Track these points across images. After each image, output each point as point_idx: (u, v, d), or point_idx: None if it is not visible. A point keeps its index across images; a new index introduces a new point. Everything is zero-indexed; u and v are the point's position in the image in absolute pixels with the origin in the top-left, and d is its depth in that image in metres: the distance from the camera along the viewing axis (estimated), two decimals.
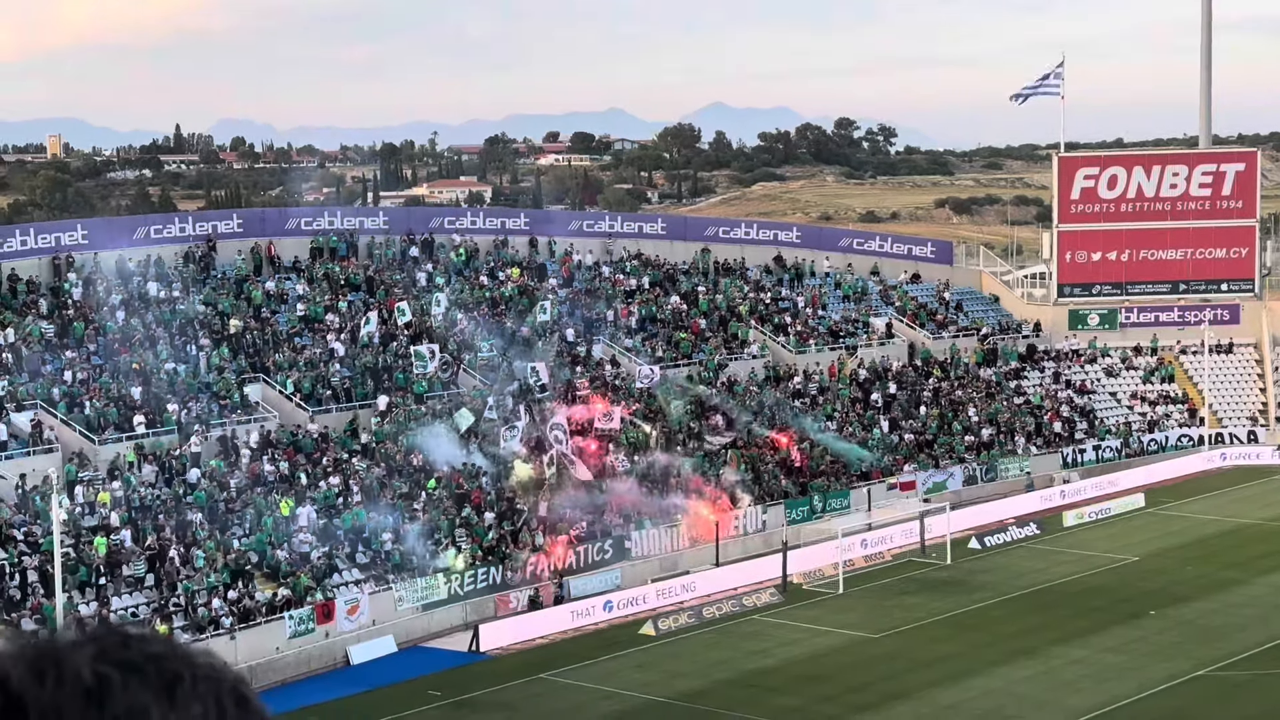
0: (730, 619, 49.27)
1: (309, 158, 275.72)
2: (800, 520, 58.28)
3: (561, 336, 64.88)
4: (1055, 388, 75.72)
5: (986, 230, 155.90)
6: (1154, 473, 69.40)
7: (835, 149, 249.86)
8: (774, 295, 75.30)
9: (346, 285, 63.92)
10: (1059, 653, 44.59)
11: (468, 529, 51.58)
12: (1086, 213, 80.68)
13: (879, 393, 69.73)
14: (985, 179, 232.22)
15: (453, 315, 63.17)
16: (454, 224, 71.25)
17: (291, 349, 58.38)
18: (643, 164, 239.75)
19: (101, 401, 51.61)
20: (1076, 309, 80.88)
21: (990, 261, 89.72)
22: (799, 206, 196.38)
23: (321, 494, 50.75)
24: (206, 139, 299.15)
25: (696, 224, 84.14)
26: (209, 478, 49.98)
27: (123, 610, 43.55)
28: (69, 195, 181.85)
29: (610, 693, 42.37)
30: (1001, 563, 56.05)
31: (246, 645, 43.92)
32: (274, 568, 47.07)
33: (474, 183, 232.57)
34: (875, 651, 45.52)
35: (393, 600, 48.01)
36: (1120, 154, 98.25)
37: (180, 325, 57.50)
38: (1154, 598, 50.16)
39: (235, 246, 63.56)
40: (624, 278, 71.73)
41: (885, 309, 77.45)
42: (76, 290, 57.63)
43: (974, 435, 68.83)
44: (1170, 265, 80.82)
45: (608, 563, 53.46)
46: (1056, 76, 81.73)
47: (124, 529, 46.20)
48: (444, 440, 55.16)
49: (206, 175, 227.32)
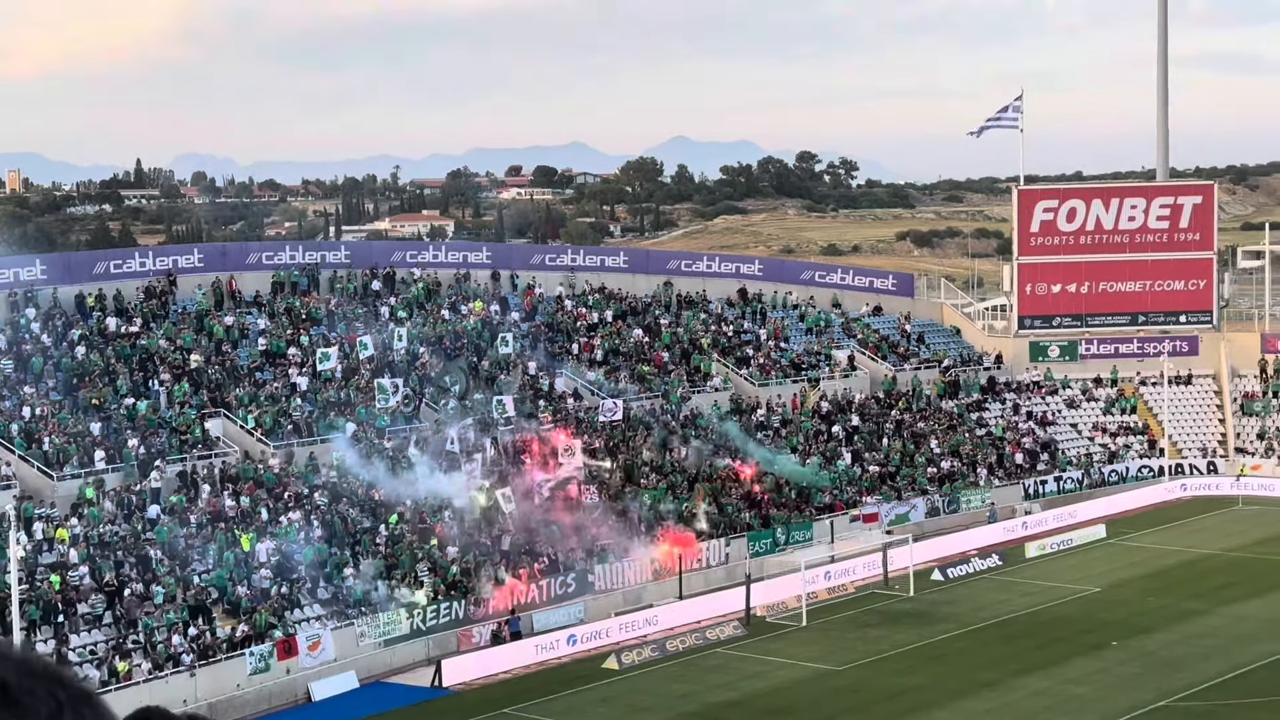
0: (694, 652, 49.17)
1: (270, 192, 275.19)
2: (763, 553, 58.24)
3: (524, 370, 64.81)
4: (1016, 419, 76.02)
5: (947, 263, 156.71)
6: (1115, 504, 69.69)
7: (797, 182, 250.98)
8: (736, 328, 75.45)
9: (308, 319, 63.73)
10: (1022, 684, 44.63)
11: (430, 563, 51.36)
12: (1046, 245, 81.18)
13: (841, 425, 69.87)
14: (946, 212, 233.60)
15: (415, 349, 63.05)
16: (416, 258, 71.17)
17: (253, 384, 58.13)
18: (605, 197, 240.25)
19: (60, 438, 51.26)
20: (1037, 341, 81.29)
21: (951, 294, 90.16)
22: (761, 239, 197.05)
23: (282, 529, 50.47)
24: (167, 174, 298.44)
25: (659, 257, 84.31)
26: (169, 513, 49.65)
27: (81, 648, 43.18)
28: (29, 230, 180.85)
29: None
30: (964, 594, 56.14)
31: (207, 682, 43.60)
32: (234, 604, 46.75)
33: (436, 217, 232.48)
34: (839, 684, 45.47)
35: (354, 636, 47.73)
36: (1079, 187, 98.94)
37: (140, 360, 57.20)
38: (1116, 629, 50.29)
39: (196, 281, 63.33)
40: (586, 311, 71.76)
41: (847, 341, 77.68)
42: (35, 325, 57.28)
43: (936, 467, 69.01)
44: (1129, 297, 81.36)
45: (570, 596, 53.30)
46: (1016, 110, 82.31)
47: (82, 566, 45.82)
48: (404, 472, 54.97)
49: (167, 210, 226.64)
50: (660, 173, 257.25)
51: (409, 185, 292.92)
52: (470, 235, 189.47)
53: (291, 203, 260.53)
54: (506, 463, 57.70)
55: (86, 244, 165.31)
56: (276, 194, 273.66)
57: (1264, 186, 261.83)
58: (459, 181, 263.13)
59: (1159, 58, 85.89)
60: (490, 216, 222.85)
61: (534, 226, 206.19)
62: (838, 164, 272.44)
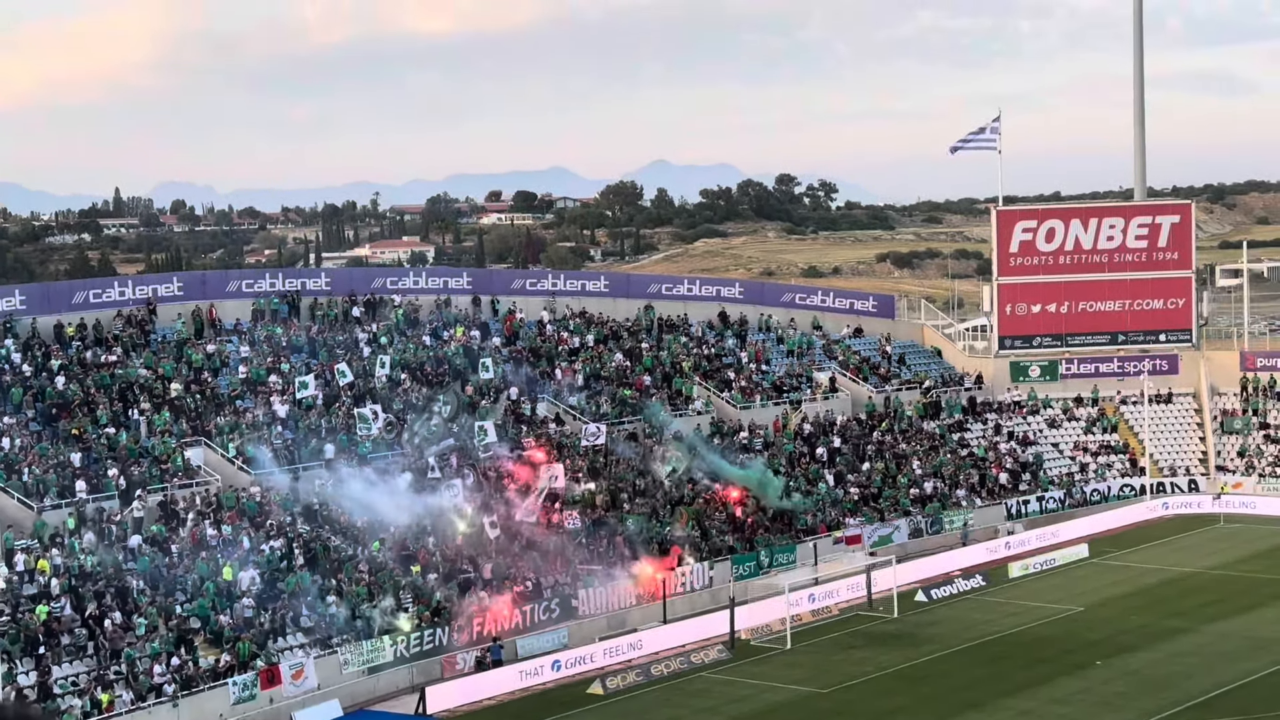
0: (678, 676, 49.08)
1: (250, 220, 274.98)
2: (747, 576, 58.17)
3: (506, 395, 64.76)
4: (998, 439, 76.14)
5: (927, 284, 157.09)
6: (1097, 523, 69.83)
7: (777, 205, 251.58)
8: (717, 351, 75.51)
9: (289, 347, 63.62)
10: (1006, 705, 44.63)
11: (413, 590, 51.23)
12: (1026, 265, 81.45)
13: (824, 447, 69.91)
14: (925, 233, 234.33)
15: (396, 376, 62.97)
16: (396, 284, 71.12)
17: (233, 412, 57.98)
18: (585, 222, 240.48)
19: (40, 468, 51.05)
20: (1018, 361, 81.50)
21: (932, 315, 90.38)
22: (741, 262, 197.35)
23: (265, 557, 50.30)
24: (146, 202, 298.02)
25: (639, 281, 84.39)
26: (150, 543, 49.45)
27: (63, 679, 42.96)
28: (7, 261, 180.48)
29: None
30: (948, 615, 56.15)
31: (190, 713, 43.39)
32: (217, 633, 46.55)
33: (416, 242, 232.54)
34: (824, 706, 45.42)
35: (338, 664, 47.56)
36: (1058, 207, 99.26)
37: (120, 390, 57.03)
38: (1100, 648, 50.34)
39: (176, 310, 63.21)
40: (567, 335, 71.77)
41: (828, 363, 77.78)
42: (15, 355, 57.10)
43: (919, 488, 69.06)
44: (1109, 317, 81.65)
45: (554, 621, 53.18)
46: (994, 131, 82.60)
47: (64, 596, 45.61)
48: (386, 499, 54.86)
49: (146, 239, 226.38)
50: (640, 196, 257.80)
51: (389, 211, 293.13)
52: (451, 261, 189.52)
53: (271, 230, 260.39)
54: (489, 488, 57.62)
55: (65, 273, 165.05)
56: (256, 221, 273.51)
57: (1241, 205, 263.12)
58: (439, 207, 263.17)
59: (1135, 78, 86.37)
60: (471, 242, 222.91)
61: (514, 251, 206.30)
62: (817, 186, 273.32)
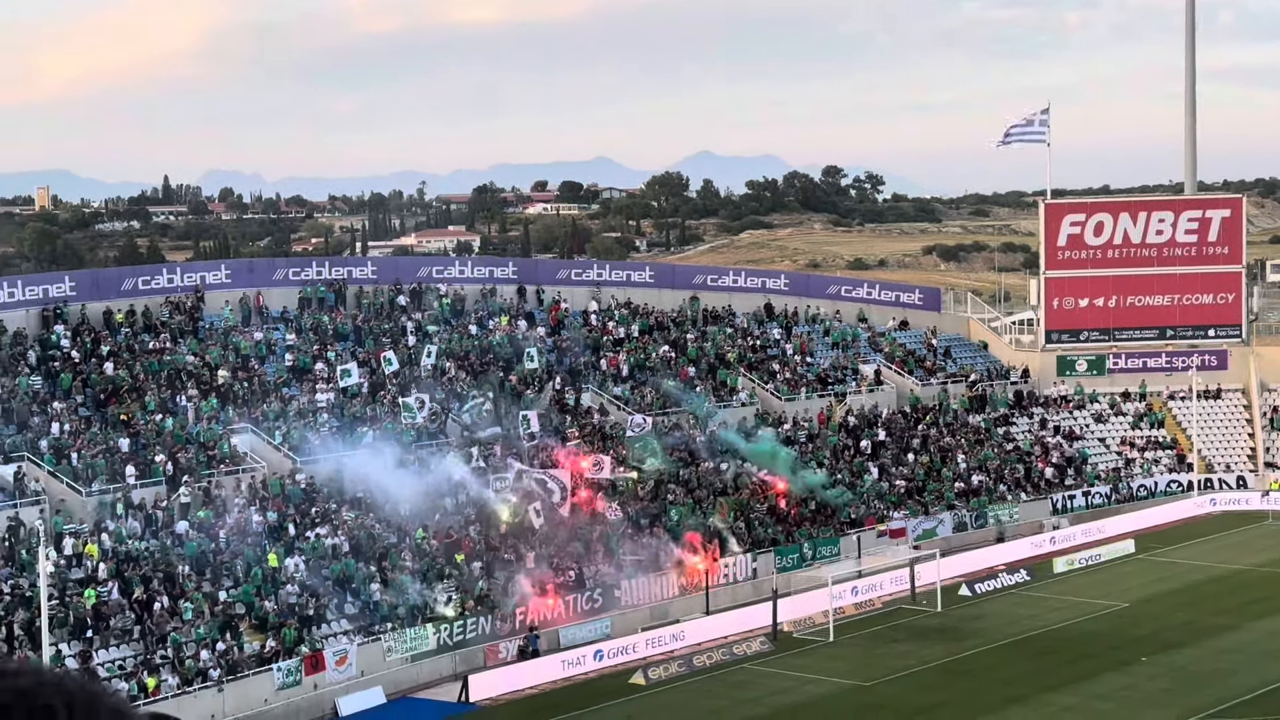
0: (720, 667, 49.07)
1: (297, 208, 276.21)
2: (790, 568, 58.13)
3: (550, 385, 64.83)
4: (1044, 434, 75.75)
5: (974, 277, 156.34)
6: (1144, 519, 69.39)
7: (823, 196, 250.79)
8: (762, 342, 75.40)
9: (334, 335, 63.90)
10: (1050, 700, 44.43)
11: (457, 579, 51.41)
12: (1073, 259, 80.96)
13: (868, 439, 69.72)
14: (972, 226, 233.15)
15: (441, 364, 63.15)
16: (442, 273, 71.31)
17: (279, 399, 58.28)
18: (630, 212, 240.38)
19: (89, 453, 51.46)
20: (1064, 355, 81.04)
21: (978, 308, 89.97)
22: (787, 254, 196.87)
23: (310, 544, 50.58)
24: (195, 190, 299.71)
25: (685, 272, 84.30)
26: (197, 529, 49.79)
27: (109, 662, 43.33)
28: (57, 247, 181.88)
29: None
30: (992, 609, 55.94)
31: (235, 697, 43.70)
32: (262, 619, 46.85)
33: (462, 232, 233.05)
34: (866, 700, 45.33)
35: (381, 651, 47.79)
36: (1106, 200, 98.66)
37: (168, 376, 57.42)
38: (1145, 644, 50.05)
39: (223, 297, 63.56)
40: (612, 326, 71.80)
41: (874, 356, 77.55)
42: (65, 342, 57.56)
43: (963, 482, 68.79)
44: (1157, 311, 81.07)
45: (597, 611, 53.27)
46: (1042, 123, 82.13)
47: (111, 581, 45.99)
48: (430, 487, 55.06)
49: (195, 226, 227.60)
50: (686, 187, 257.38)
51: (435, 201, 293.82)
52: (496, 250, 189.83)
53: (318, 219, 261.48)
54: (533, 477, 57.67)
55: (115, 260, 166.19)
56: (303, 210, 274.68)
57: None
58: (485, 197, 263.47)
59: (1187, 71, 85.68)
60: (516, 232, 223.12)
61: (560, 242, 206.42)
62: (864, 178, 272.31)
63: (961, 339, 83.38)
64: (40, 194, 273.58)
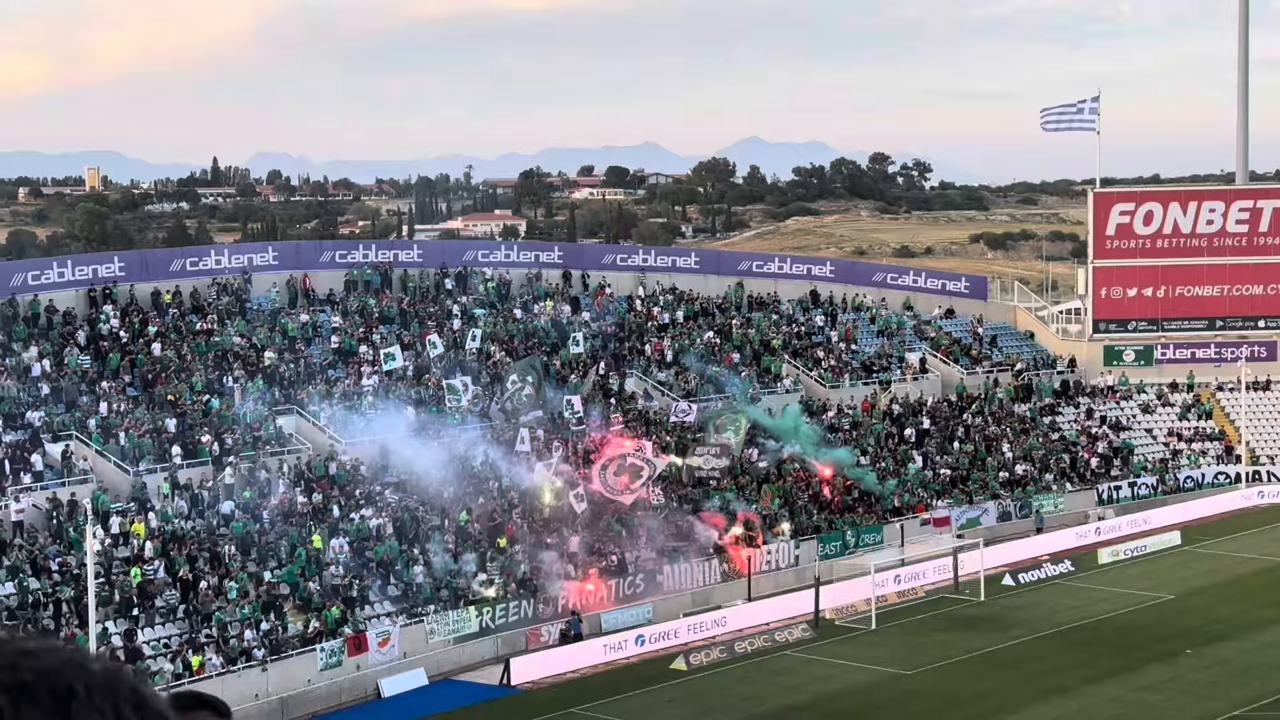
0: (762, 654, 49.06)
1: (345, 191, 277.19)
2: (833, 555, 58.04)
3: (594, 370, 64.88)
4: (1090, 424, 75.31)
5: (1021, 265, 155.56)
6: (1190, 510, 68.88)
7: (870, 183, 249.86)
8: (807, 329, 75.21)
9: (380, 318, 64.12)
10: (1093, 691, 44.22)
11: (500, 562, 51.56)
12: (1122, 248, 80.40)
13: (913, 428, 69.48)
14: (1020, 214, 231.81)
15: (486, 348, 63.29)
16: (488, 257, 71.45)
17: (325, 381, 58.54)
18: (677, 198, 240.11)
19: (137, 433, 51.83)
20: (1112, 345, 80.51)
21: (1025, 297, 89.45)
22: (833, 241, 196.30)
23: (354, 526, 50.81)
24: (244, 172, 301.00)
25: (730, 258, 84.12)
26: (242, 509, 50.11)
27: (154, 640, 43.67)
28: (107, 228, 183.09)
29: None
30: (1036, 600, 55.70)
31: (278, 677, 43.97)
32: (306, 599, 47.12)
33: (509, 216, 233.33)
34: (908, 688, 45.23)
35: (424, 633, 47.99)
36: (1156, 190, 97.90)
37: (215, 357, 57.75)
38: (1190, 636, 49.74)
39: (270, 279, 63.85)
40: (657, 312, 71.78)
41: (919, 344, 77.24)
42: (113, 322, 57.97)
43: (1008, 471, 68.48)
44: (1207, 301, 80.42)
45: (639, 597, 53.33)
46: (1092, 111, 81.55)
47: (157, 560, 46.33)
48: (473, 470, 55.22)
49: (243, 208, 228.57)
50: (732, 173, 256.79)
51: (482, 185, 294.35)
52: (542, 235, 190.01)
53: (365, 202, 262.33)
54: (576, 462, 57.78)
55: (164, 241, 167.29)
56: (351, 193, 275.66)
57: None
58: (531, 181, 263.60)
59: (1239, 59, 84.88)
60: (562, 216, 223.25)
61: (606, 227, 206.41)
62: (911, 165, 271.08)
63: (1008, 328, 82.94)
64: (90, 174, 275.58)
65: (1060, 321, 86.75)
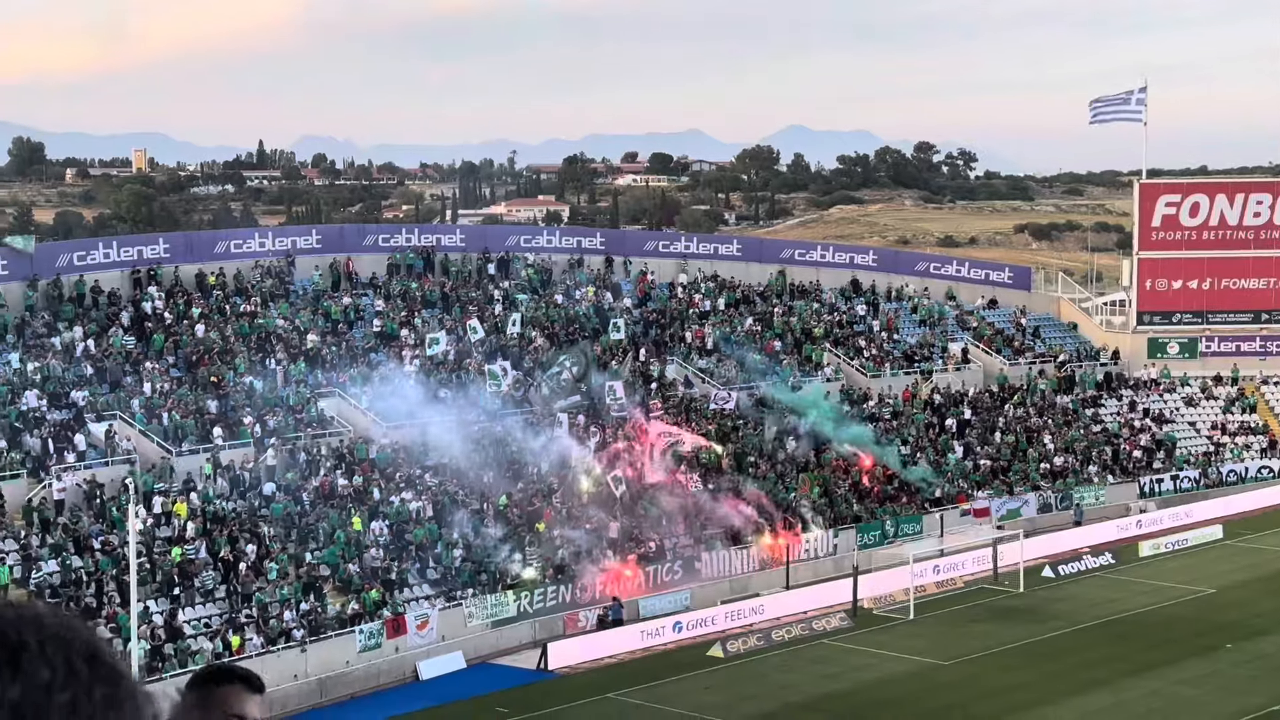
0: (799, 642, 49.06)
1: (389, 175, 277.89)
2: (872, 545, 57.95)
3: (635, 356, 64.91)
4: (1133, 416, 74.89)
5: (1066, 256, 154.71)
6: (1232, 504, 68.44)
7: (914, 173, 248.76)
8: (849, 318, 75.02)
9: (422, 302, 64.30)
10: (1132, 685, 44.05)
11: (539, 547, 51.70)
12: (1168, 240, 79.87)
13: (954, 418, 69.25)
14: (1066, 205, 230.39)
15: (527, 333, 63.40)
16: (530, 242, 71.56)
17: (367, 364, 58.78)
18: (720, 185, 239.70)
19: (179, 413, 52.17)
20: (1156, 337, 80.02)
21: (1069, 288, 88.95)
22: (876, 230, 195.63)
23: (394, 508, 51.03)
24: (288, 155, 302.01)
25: (772, 246, 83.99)
26: (283, 491, 50.39)
27: (195, 620, 43.99)
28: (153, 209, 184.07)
29: (678, 714, 42.26)
30: (1075, 592, 55.49)
31: (317, 658, 44.23)
32: (345, 581, 47.37)
33: (552, 202, 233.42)
34: (945, 679, 45.15)
35: (462, 616, 48.18)
36: (1203, 181, 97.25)
37: (258, 339, 58.05)
38: (1230, 631, 49.46)
39: (314, 262, 64.11)
40: (699, 299, 71.73)
41: (961, 334, 76.95)
42: (157, 303, 58.34)
43: (1049, 463, 68.18)
44: (1253, 295, 79.82)
45: (677, 584, 53.38)
46: (1139, 102, 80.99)
47: (198, 540, 46.65)
48: (513, 455, 55.36)
49: (287, 191, 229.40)
50: (776, 161, 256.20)
51: (525, 170, 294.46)
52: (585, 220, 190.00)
53: (409, 186, 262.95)
54: (616, 448, 57.83)
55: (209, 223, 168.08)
56: (395, 177, 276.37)
57: None
58: (575, 167, 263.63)
59: None
60: (605, 202, 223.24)
61: (649, 213, 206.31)
62: (956, 155, 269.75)
63: (1051, 319, 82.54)
64: (137, 156, 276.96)
65: (1104, 313, 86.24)
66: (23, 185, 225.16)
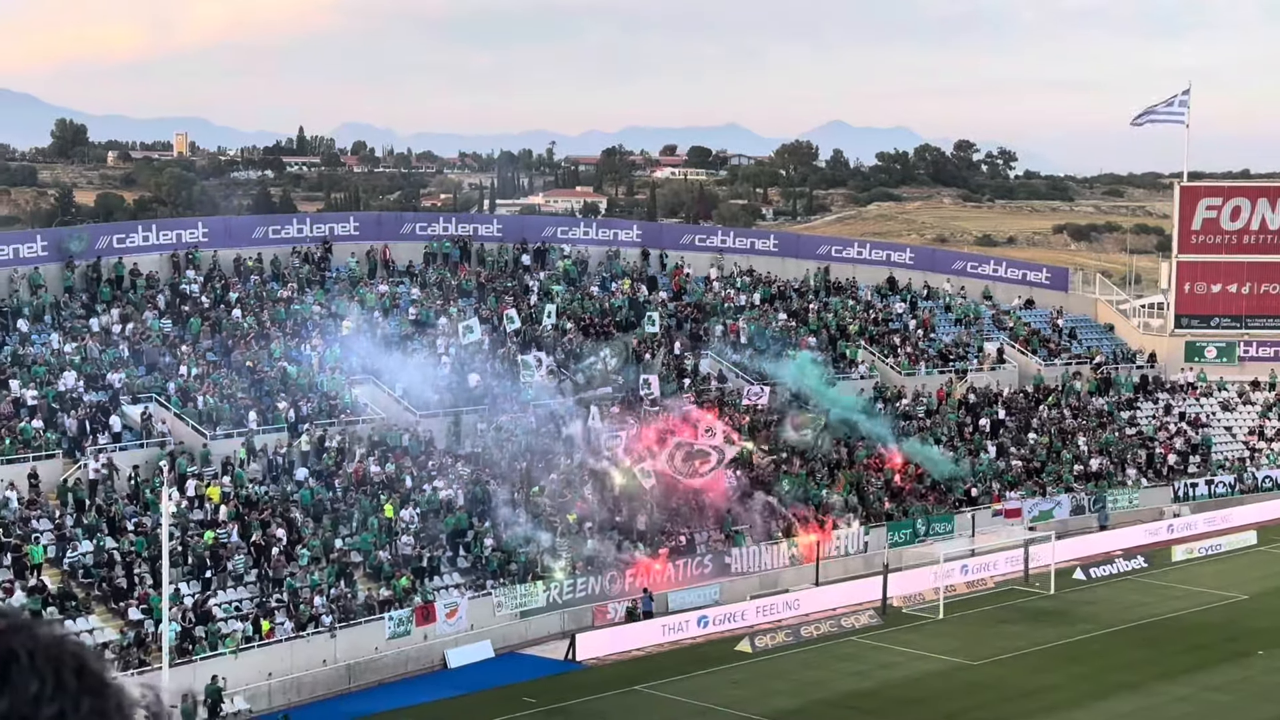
0: (828, 639, 49.00)
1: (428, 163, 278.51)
2: (902, 543, 57.82)
3: (669, 349, 64.90)
4: (1168, 420, 74.49)
5: (1104, 258, 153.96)
6: (1267, 510, 68.03)
7: (954, 171, 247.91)
8: (884, 316, 74.82)
9: (458, 291, 64.42)
10: (1162, 689, 43.85)
11: (569, 537, 51.75)
12: (1208, 243, 79.38)
13: (988, 418, 69.01)
14: (1106, 206, 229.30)
15: (562, 324, 63.45)
16: (567, 234, 71.60)
17: (402, 352, 58.90)
18: (759, 180, 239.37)
19: (215, 397, 52.40)
20: (1194, 341, 79.56)
21: (1106, 289, 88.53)
22: (914, 228, 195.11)
23: (425, 497, 51.16)
24: (328, 142, 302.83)
25: (809, 242, 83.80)
26: (316, 476, 50.56)
27: (226, 603, 44.21)
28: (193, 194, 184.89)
29: (705, 708, 42.26)
30: (1106, 595, 55.26)
31: (346, 644, 44.40)
32: (376, 568, 47.52)
33: (589, 193, 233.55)
34: (973, 679, 45.03)
35: (491, 606, 48.29)
36: (1245, 185, 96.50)
37: (294, 325, 58.26)
38: (1262, 637, 49.17)
39: (351, 249, 64.30)
40: (734, 293, 71.65)
41: (997, 334, 76.67)
42: (195, 286, 58.60)
43: (1083, 465, 67.87)
44: None
45: (707, 578, 53.38)
46: (1182, 104, 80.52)
47: (231, 524, 46.86)
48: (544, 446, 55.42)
49: (327, 178, 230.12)
50: (815, 157, 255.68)
51: (564, 161, 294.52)
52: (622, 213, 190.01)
53: (448, 174, 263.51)
54: (648, 441, 57.80)
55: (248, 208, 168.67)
56: (433, 165, 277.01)
57: None
58: (613, 159, 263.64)
59: None
60: (643, 195, 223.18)
61: (686, 206, 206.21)
62: (996, 154, 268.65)
63: (1088, 320, 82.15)
64: (178, 140, 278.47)
65: (1142, 315, 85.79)
66: (65, 167, 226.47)
